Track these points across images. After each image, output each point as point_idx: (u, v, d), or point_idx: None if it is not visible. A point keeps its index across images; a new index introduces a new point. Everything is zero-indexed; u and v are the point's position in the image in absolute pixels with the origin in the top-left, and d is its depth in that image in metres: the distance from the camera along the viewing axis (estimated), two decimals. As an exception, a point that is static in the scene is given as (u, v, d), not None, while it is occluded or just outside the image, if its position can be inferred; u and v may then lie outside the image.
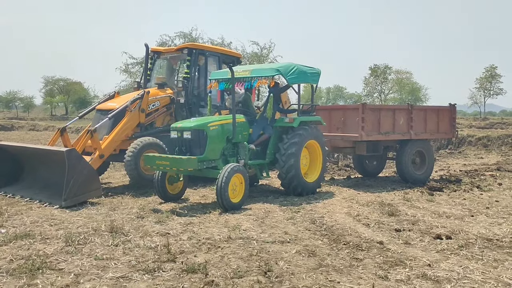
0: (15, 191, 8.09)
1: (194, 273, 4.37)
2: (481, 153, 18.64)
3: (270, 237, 5.69)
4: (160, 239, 5.50)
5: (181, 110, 10.15)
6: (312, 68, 9.16)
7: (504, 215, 7.24)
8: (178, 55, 10.87)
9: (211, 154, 7.76)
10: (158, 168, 7.61)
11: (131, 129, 9.34)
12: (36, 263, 4.48)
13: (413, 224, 6.55)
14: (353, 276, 4.39)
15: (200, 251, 5.11)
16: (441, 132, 11.36)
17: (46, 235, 5.55)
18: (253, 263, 4.71)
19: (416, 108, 11.04)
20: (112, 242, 5.29)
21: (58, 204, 7.11)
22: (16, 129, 33.96)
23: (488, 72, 53.71)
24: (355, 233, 5.99)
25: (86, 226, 6.01)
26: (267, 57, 30.96)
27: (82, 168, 7.35)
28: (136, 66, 30.56)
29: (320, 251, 5.15)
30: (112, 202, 7.64)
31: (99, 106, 9.98)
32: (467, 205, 8.02)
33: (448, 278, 4.37)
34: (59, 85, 61.89)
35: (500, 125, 28.28)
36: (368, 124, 9.89)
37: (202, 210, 7.27)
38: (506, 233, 6.09)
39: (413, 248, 5.39)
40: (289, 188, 8.55)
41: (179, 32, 29.85)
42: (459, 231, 6.15)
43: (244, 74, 8.51)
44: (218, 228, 6.12)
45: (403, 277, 4.38)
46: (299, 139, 8.39)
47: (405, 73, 60.20)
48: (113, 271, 4.41)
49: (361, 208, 7.63)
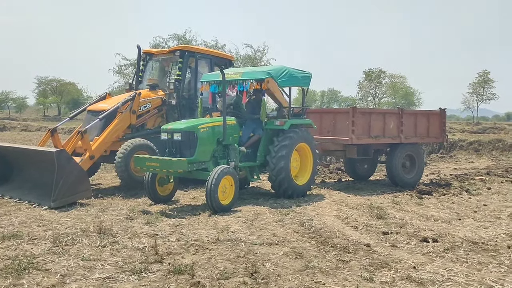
0: (4, 191, 8.06)
1: (180, 274, 4.39)
2: (472, 157, 18.77)
3: (258, 239, 5.72)
4: (148, 240, 5.51)
5: (173, 112, 10.16)
6: (303, 72, 9.21)
7: (491, 219, 7.32)
8: (170, 57, 10.89)
9: (202, 156, 7.78)
10: (148, 169, 7.62)
11: (122, 130, 9.33)
12: (22, 264, 4.48)
13: (400, 227, 6.60)
14: (338, 278, 4.43)
15: (187, 252, 5.13)
16: (431, 136, 11.46)
17: (34, 236, 5.55)
18: (240, 264, 4.73)
19: (406, 112, 11.12)
20: (100, 243, 5.30)
21: (47, 205, 7.10)
22: (8, 130, 33.72)
23: (481, 77, 54.16)
24: (343, 235, 6.03)
25: (75, 227, 6.00)
26: (261, 59, 31.05)
27: (71, 169, 7.35)
28: (129, 67, 30.54)
29: (307, 253, 5.18)
30: (102, 203, 7.63)
31: (90, 107, 9.96)
32: (455, 209, 8.10)
33: (432, 280, 4.42)
34: (52, 85, 61.60)
35: (492, 130, 28.50)
36: (359, 127, 9.96)
37: (191, 211, 7.28)
38: (491, 237, 6.16)
39: (400, 250, 5.44)
40: (279, 191, 8.58)
41: (172, 34, 29.91)
42: (446, 234, 6.21)
43: (235, 77, 8.55)
44: (207, 229, 6.14)
45: (388, 279, 4.43)
46: (289, 142, 8.43)
47: (399, 77, 60.65)
48: (100, 271, 4.41)
49: (350, 211, 7.68)
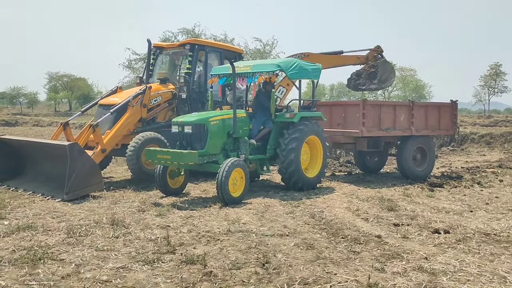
0: (18, 184, 8.17)
1: (193, 264, 4.44)
2: (484, 150, 18.61)
3: (269, 231, 5.74)
4: (160, 231, 5.57)
5: (183, 105, 10.20)
6: (313, 64, 9.19)
7: (503, 211, 7.27)
8: (180, 51, 10.91)
9: (212, 148, 7.82)
10: (159, 162, 7.68)
11: (133, 124, 9.40)
12: (37, 254, 4.56)
13: (412, 219, 6.59)
14: (349, 268, 4.44)
15: (199, 243, 5.17)
16: (442, 129, 11.37)
17: (48, 227, 5.63)
18: (252, 255, 4.77)
19: (417, 105, 11.04)
20: (113, 234, 5.37)
21: (60, 197, 7.19)
22: (20, 125, 34.07)
23: (492, 70, 53.38)
24: (354, 227, 6.04)
25: (88, 219, 6.09)
26: (270, 53, 30.95)
27: (84, 162, 7.43)
28: (139, 62, 30.62)
29: (318, 244, 5.20)
30: (113, 196, 7.71)
31: (101, 101, 10.05)
32: (467, 201, 8.05)
33: (444, 270, 4.41)
34: (63, 81, 62.01)
35: (504, 122, 28.15)
36: (369, 120, 9.92)
37: (202, 204, 7.33)
38: (504, 228, 6.12)
39: (411, 242, 5.43)
40: (289, 183, 8.59)
41: (182, 28, 29.92)
42: (458, 226, 6.19)
43: (245, 70, 8.56)
44: (218, 221, 6.18)
45: (399, 269, 4.43)
46: (299, 135, 8.43)
47: (409, 71, 60.02)
48: (113, 261, 4.48)
49: (361, 203, 7.67)
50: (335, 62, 12.23)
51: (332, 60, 12.18)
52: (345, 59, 12.50)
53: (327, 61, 11.83)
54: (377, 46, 12.29)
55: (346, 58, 12.50)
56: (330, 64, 11.83)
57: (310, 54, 11.80)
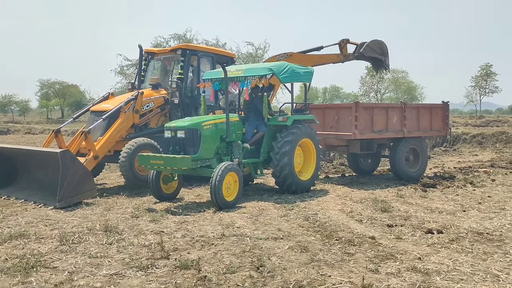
0: (10, 192, 8.12)
1: (187, 269, 4.43)
2: (476, 150, 18.72)
3: (264, 234, 5.74)
4: (154, 237, 5.55)
5: (176, 110, 10.20)
6: (305, 67, 9.23)
7: (495, 210, 7.32)
8: (172, 56, 10.92)
9: (205, 153, 7.81)
10: (152, 167, 7.66)
11: (125, 130, 9.38)
12: (30, 262, 4.53)
13: (405, 219, 6.62)
14: (344, 270, 4.45)
15: (193, 248, 5.16)
16: (435, 130, 11.44)
17: (40, 235, 5.59)
18: (246, 259, 4.76)
19: (409, 106, 11.11)
20: (107, 241, 5.34)
21: (52, 205, 7.15)
22: (12, 133, 33.86)
23: (483, 71, 53.83)
24: (348, 229, 6.05)
25: (81, 226, 6.05)
26: (262, 57, 31.05)
27: (76, 169, 7.39)
28: (131, 68, 30.61)
29: (312, 247, 5.21)
30: (107, 202, 7.68)
31: (93, 108, 10.02)
32: (459, 201, 8.10)
33: (438, 270, 4.43)
34: (54, 88, 61.72)
35: (495, 123, 28.38)
36: (362, 122, 9.96)
37: (196, 208, 7.32)
38: (496, 227, 6.16)
39: (405, 242, 5.46)
40: (283, 186, 8.60)
41: (173, 33, 29.98)
42: (451, 225, 6.22)
43: (237, 74, 8.57)
44: (212, 226, 6.17)
45: (393, 270, 4.45)
46: (292, 138, 8.45)
47: (401, 72, 60.38)
48: (107, 268, 4.45)
49: (355, 205, 7.69)
50: (316, 61, 12.32)
51: (313, 59, 12.28)
52: (325, 58, 12.58)
53: (309, 60, 11.94)
54: (342, 40, 12.37)
55: (326, 57, 12.58)
56: (311, 63, 11.89)
57: (293, 54, 11.91)
